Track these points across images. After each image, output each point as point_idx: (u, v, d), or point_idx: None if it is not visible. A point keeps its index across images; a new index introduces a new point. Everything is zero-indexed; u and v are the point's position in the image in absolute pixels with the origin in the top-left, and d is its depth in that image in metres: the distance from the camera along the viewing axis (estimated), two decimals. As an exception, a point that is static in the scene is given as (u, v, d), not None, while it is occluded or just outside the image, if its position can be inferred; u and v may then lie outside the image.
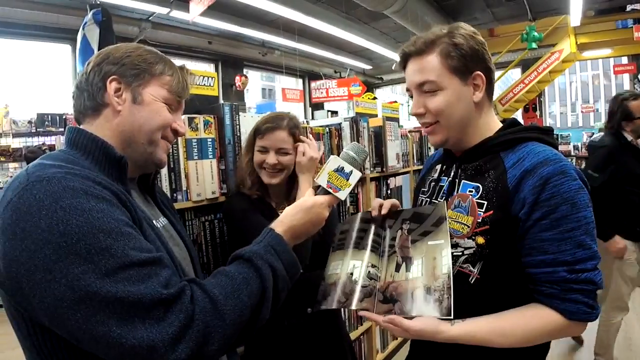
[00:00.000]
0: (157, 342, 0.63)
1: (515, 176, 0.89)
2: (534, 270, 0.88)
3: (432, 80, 0.94)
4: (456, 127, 0.98)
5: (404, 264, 0.93)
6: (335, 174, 0.94)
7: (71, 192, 0.65)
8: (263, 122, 1.42)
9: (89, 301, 0.61)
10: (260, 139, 1.41)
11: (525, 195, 0.86)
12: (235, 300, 0.73)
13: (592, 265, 0.84)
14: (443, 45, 0.94)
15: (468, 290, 0.91)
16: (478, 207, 0.92)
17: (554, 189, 0.84)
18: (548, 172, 0.85)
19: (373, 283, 0.95)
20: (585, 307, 0.83)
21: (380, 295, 0.93)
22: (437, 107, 0.96)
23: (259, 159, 1.41)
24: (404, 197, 3.00)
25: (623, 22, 8.26)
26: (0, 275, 0.64)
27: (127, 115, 0.83)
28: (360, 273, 0.97)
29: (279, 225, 0.88)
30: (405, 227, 0.97)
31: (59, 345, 0.68)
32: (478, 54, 0.95)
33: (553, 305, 0.85)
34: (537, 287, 0.88)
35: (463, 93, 0.95)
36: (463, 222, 0.94)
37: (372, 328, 2.66)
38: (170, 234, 0.95)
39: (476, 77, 0.95)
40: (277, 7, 6.11)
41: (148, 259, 0.68)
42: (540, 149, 0.91)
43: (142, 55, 0.86)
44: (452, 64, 0.94)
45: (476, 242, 0.92)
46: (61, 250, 0.61)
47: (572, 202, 0.83)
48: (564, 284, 0.84)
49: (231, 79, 9.30)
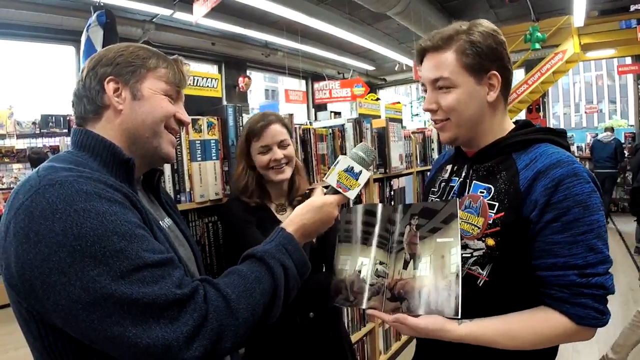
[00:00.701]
0: (171, 342, 0.64)
1: (528, 178, 0.88)
2: (543, 273, 0.87)
3: (445, 77, 0.94)
4: (467, 126, 0.97)
5: (412, 261, 0.92)
6: (345, 173, 0.95)
7: (84, 195, 0.66)
8: (254, 123, 1.41)
9: (104, 303, 0.62)
10: (257, 140, 1.39)
11: (537, 197, 0.85)
12: (248, 299, 0.75)
13: (603, 270, 0.83)
14: (460, 42, 0.93)
15: (476, 293, 0.91)
16: (489, 208, 0.91)
17: (566, 191, 0.83)
18: (561, 174, 0.84)
19: (381, 281, 0.95)
20: (594, 312, 0.82)
21: (388, 293, 0.93)
22: (448, 104, 0.95)
23: (263, 160, 1.39)
24: (407, 198, 3.00)
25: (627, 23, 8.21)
26: (13, 278, 0.65)
27: (128, 112, 0.83)
28: (368, 271, 0.97)
29: (289, 225, 0.90)
30: (414, 223, 0.96)
31: (70, 346, 0.69)
32: (495, 52, 0.93)
33: (562, 310, 0.84)
34: (546, 291, 0.87)
35: (476, 92, 0.94)
36: (473, 223, 0.93)
37: (375, 329, 2.66)
38: (175, 234, 0.95)
39: (492, 76, 0.94)
40: (280, 8, 6.11)
41: (161, 260, 0.69)
42: (553, 151, 0.90)
43: (134, 52, 0.86)
44: (467, 61, 0.92)
45: (486, 244, 0.91)
46: (76, 253, 0.62)
47: (585, 204, 0.82)
48: (573, 287, 0.83)
49: (234, 80, 9.31)
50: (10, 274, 0.65)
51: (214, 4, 5.15)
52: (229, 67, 9.45)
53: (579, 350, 2.97)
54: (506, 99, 1.00)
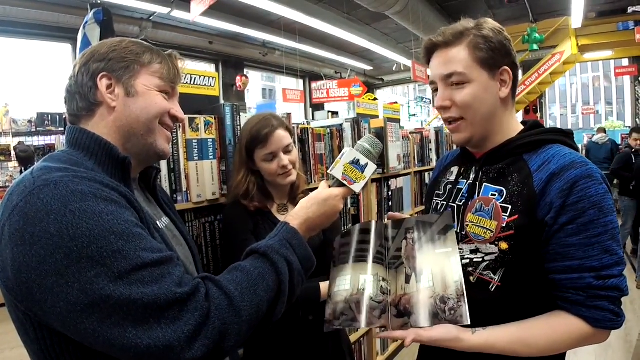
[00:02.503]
0: (173, 342, 0.63)
1: (542, 180, 0.86)
2: (558, 277, 0.85)
3: (460, 71, 0.91)
4: (481, 124, 0.94)
5: (414, 275, 0.90)
6: (351, 166, 0.93)
7: (80, 195, 0.64)
8: (258, 130, 1.36)
9: (103, 304, 0.61)
10: (262, 147, 1.36)
11: (552, 199, 0.83)
12: (252, 295, 0.73)
13: (618, 272, 0.82)
14: (472, 37, 0.91)
15: (488, 299, 0.89)
16: (502, 211, 0.89)
17: (581, 193, 0.81)
18: (575, 175, 0.82)
19: (386, 297, 0.91)
20: (611, 315, 0.81)
21: (393, 310, 0.89)
22: (464, 100, 0.92)
23: (271, 168, 1.37)
24: (405, 198, 2.99)
25: (624, 24, 8.25)
26: (9, 281, 0.63)
27: (122, 109, 0.81)
28: (373, 288, 0.93)
29: (294, 218, 0.88)
30: (410, 237, 0.94)
31: (67, 348, 0.68)
32: (506, 48, 0.92)
33: (578, 313, 0.83)
34: (561, 294, 0.85)
35: (490, 87, 0.92)
36: (486, 226, 0.91)
37: (372, 330, 2.65)
38: (173, 233, 0.94)
39: (504, 72, 0.92)
40: (279, 7, 6.10)
41: (160, 258, 0.68)
42: (566, 152, 0.88)
43: (128, 47, 0.83)
44: (480, 56, 0.90)
45: (499, 248, 0.89)
46: (72, 254, 0.61)
47: (600, 206, 0.81)
48: (590, 290, 0.81)
49: (232, 79, 9.29)
50: (6, 277, 0.64)
51: (212, 2, 5.14)
52: (226, 66, 9.44)
53: (575, 352, 2.96)
54: (514, 97, 0.98)
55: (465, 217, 0.96)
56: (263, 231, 1.36)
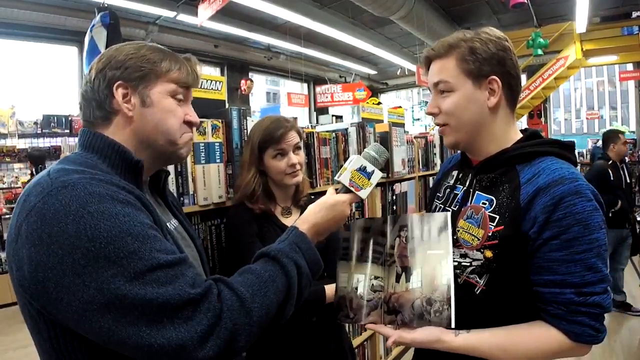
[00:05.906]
0: (186, 341, 0.64)
1: (529, 193, 0.87)
2: (541, 289, 0.86)
3: (445, 80, 0.96)
4: (465, 130, 0.97)
5: (404, 274, 0.92)
6: (358, 173, 0.96)
7: (97, 197, 0.66)
8: (274, 129, 1.39)
9: (119, 304, 0.62)
10: (275, 145, 1.39)
11: (537, 213, 0.84)
12: (262, 297, 0.75)
13: (601, 289, 0.82)
14: (461, 49, 0.94)
15: (473, 300, 0.92)
16: (490, 220, 0.91)
17: (567, 209, 0.81)
18: (562, 191, 0.82)
19: (378, 295, 0.95)
20: (591, 330, 0.82)
21: (385, 306, 0.93)
22: (447, 107, 0.97)
23: (280, 165, 1.39)
24: (410, 203, 2.99)
25: (629, 29, 8.23)
26: (25, 279, 0.64)
27: (139, 119, 0.82)
28: (364, 287, 0.97)
29: (302, 223, 0.90)
30: (403, 235, 0.95)
31: (80, 347, 0.69)
32: (496, 58, 0.93)
33: (559, 326, 0.84)
34: (544, 306, 0.87)
35: (475, 96, 0.94)
36: (474, 234, 0.93)
37: (376, 334, 2.64)
38: (182, 236, 0.95)
39: (492, 81, 0.94)
40: (285, 12, 6.14)
41: (174, 260, 0.69)
42: (557, 166, 0.88)
43: (146, 55, 0.83)
44: (466, 67, 0.94)
45: (484, 256, 0.91)
46: (90, 254, 0.62)
47: (585, 223, 0.81)
48: (570, 305, 0.82)
49: (236, 82, 9.32)
50: (22, 275, 0.65)
51: (220, 6, 5.17)
52: (231, 69, 9.47)
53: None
54: (511, 106, 0.99)
55: (457, 222, 0.98)
56: (267, 234, 1.37)
